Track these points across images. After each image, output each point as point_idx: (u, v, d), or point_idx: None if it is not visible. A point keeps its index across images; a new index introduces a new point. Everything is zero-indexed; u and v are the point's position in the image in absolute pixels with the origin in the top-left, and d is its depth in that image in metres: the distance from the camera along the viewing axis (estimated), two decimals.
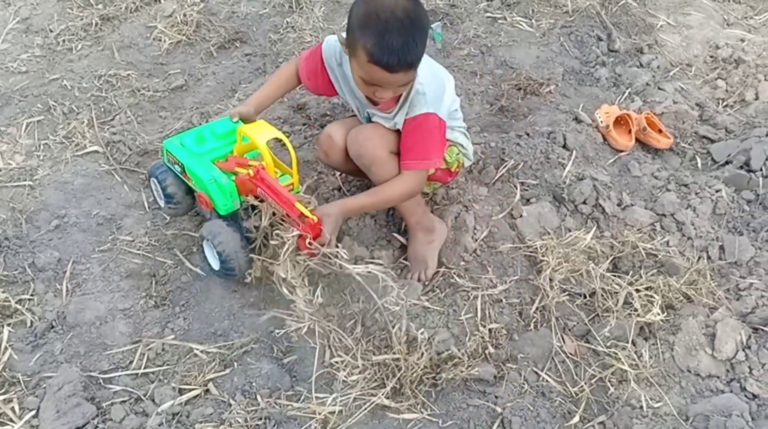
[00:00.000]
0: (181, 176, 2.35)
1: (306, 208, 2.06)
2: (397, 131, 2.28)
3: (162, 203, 2.46)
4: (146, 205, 2.65)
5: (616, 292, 2.36)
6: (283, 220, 2.14)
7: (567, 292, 2.40)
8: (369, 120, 2.37)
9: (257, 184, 2.14)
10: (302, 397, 2.10)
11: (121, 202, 2.66)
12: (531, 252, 2.50)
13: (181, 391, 2.11)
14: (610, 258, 2.49)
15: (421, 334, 2.18)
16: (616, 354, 2.22)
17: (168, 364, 2.18)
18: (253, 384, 2.12)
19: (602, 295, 2.36)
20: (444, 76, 2.38)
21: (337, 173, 2.68)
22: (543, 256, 2.46)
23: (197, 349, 2.20)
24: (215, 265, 2.32)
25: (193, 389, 2.10)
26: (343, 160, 2.38)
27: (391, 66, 2.00)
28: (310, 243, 2.06)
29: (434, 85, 2.24)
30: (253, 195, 2.19)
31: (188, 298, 2.35)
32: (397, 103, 2.24)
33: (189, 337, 2.25)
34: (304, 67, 2.43)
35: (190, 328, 2.27)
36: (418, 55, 2.05)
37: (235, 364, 2.17)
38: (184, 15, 3.39)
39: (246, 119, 2.33)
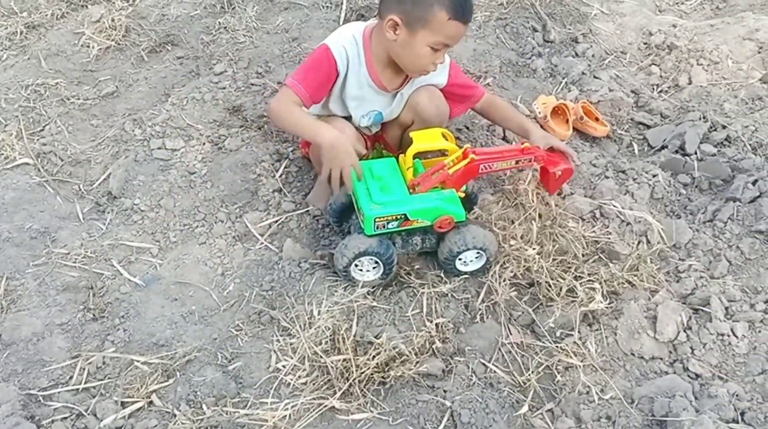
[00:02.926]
0: (400, 229, 2.28)
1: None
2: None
3: (375, 276, 2.36)
4: (81, 216, 2.58)
5: (560, 284, 2.37)
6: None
7: (512, 284, 2.40)
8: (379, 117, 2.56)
9: (481, 162, 2.29)
10: (249, 404, 2.07)
11: (55, 214, 2.58)
12: None
13: (123, 405, 2.06)
14: (553, 248, 2.50)
15: (376, 337, 2.18)
16: (561, 344, 2.23)
17: (109, 378, 2.13)
18: (198, 393, 2.09)
19: (546, 287, 2.37)
20: None
21: (277, 175, 2.65)
22: None
23: (138, 361, 2.15)
24: (475, 266, 2.41)
25: (136, 402, 2.06)
26: None
27: (469, 16, 2.25)
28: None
29: None
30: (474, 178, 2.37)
31: (128, 308, 2.29)
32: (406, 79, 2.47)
33: (130, 349, 2.20)
34: (305, 89, 2.32)
35: (130, 340, 2.22)
36: None
37: (178, 373, 2.13)
38: (113, 20, 3.31)
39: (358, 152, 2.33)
